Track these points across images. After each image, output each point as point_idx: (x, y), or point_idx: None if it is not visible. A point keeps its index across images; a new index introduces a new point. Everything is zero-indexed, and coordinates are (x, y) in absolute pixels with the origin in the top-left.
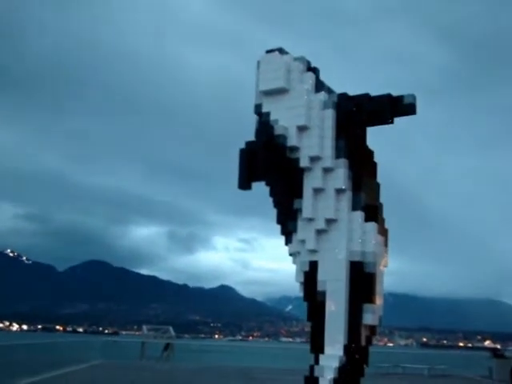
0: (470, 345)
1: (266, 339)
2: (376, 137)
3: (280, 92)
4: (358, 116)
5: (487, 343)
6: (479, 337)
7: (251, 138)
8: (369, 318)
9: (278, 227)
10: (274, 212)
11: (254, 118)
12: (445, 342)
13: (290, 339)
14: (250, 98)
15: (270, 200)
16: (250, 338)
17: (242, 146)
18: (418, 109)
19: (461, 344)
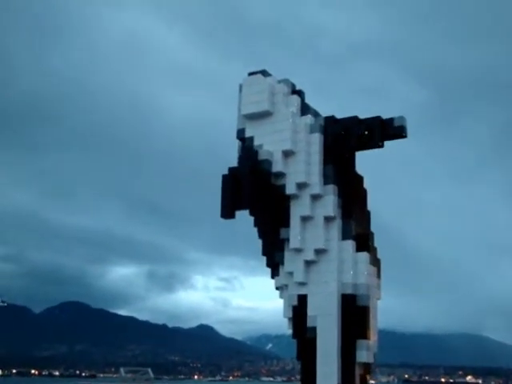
0: (451, 380)
1: (247, 379)
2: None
3: (264, 115)
4: (346, 140)
5: (469, 378)
6: (461, 372)
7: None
8: (363, 355)
9: (261, 262)
10: (254, 249)
11: (233, 155)
12: (426, 377)
13: (271, 378)
14: (227, 135)
15: (255, 230)
16: (231, 377)
17: (222, 178)
18: (398, 143)
19: (443, 379)
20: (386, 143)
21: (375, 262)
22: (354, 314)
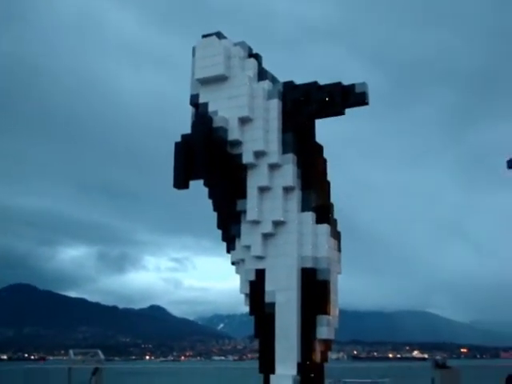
0: (398, 355)
1: (198, 358)
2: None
3: (219, 80)
4: (306, 106)
5: (415, 353)
6: (408, 347)
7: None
8: (323, 331)
9: (213, 243)
10: (206, 229)
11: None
12: (375, 353)
13: (223, 357)
14: (182, 115)
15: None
16: (183, 357)
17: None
18: (350, 126)
19: (390, 355)
20: (341, 122)
21: (335, 234)
22: (314, 288)
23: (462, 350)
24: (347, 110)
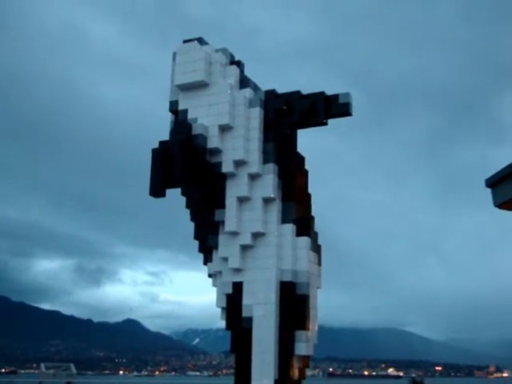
0: (374, 373)
1: (173, 373)
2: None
3: (199, 86)
4: (288, 116)
5: (390, 371)
6: (383, 365)
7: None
8: (302, 347)
9: (190, 257)
10: (183, 243)
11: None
12: (350, 371)
13: (198, 373)
14: (161, 127)
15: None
16: (157, 372)
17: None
18: (331, 145)
19: (365, 372)
20: (319, 137)
21: (316, 248)
22: (293, 303)
23: (437, 368)
24: (330, 122)
